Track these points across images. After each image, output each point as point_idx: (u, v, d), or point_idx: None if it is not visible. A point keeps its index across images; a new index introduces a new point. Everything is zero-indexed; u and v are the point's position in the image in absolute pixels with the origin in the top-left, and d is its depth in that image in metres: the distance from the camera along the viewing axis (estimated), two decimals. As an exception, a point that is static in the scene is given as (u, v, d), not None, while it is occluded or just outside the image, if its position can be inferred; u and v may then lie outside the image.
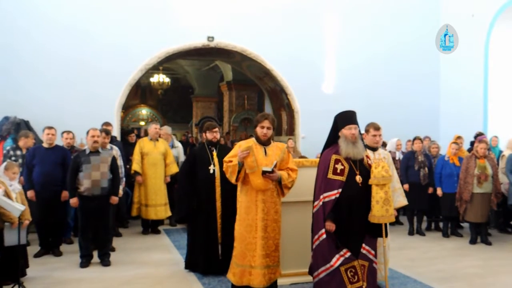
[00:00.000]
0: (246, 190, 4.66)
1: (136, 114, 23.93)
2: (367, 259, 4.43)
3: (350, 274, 4.33)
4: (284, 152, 4.78)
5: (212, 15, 10.21)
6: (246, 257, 4.59)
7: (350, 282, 4.32)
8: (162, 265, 6.14)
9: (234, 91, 18.49)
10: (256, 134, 4.73)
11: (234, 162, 4.56)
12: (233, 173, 4.58)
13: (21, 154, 6.99)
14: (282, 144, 4.88)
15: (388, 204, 4.36)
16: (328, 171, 4.42)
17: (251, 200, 4.61)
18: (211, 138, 5.85)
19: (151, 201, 7.92)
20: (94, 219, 6.07)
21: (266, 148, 4.71)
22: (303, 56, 10.83)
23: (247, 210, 4.62)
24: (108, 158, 6.16)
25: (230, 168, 4.60)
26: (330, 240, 4.34)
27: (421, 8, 11.68)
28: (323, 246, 4.37)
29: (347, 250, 4.35)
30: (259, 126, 4.68)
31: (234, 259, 4.70)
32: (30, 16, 9.10)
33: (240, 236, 4.66)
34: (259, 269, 4.53)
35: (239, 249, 4.65)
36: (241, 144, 4.71)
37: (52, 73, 9.17)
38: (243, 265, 4.60)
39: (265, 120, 4.67)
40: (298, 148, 10.61)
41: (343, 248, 4.35)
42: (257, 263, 4.54)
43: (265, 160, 4.61)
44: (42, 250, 6.56)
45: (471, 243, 7.50)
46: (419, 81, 11.62)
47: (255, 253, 4.56)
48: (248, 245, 4.59)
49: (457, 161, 7.91)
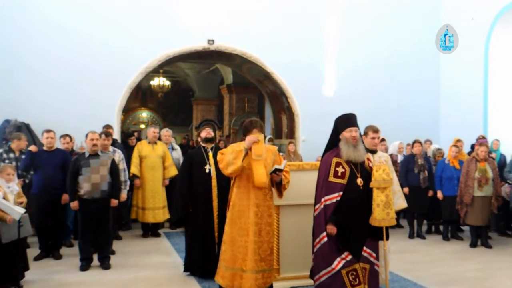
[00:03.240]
0: (239, 193, 4.61)
1: (137, 117, 23.94)
2: (368, 262, 4.43)
3: (351, 277, 4.33)
4: (276, 155, 4.78)
5: (213, 18, 10.22)
6: (237, 260, 4.55)
7: (351, 285, 4.32)
8: (162, 268, 6.13)
9: (234, 94, 18.51)
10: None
11: (241, 148, 4.50)
12: (238, 158, 4.46)
13: (14, 156, 6.97)
14: (273, 146, 4.88)
15: (389, 207, 4.36)
16: (329, 174, 4.42)
17: (244, 204, 4.57)
18: (205, 135, 5.91)
19: (148, 204, 7.91)
20: (94, 222, 6.06)
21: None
22: (303, 59, 10.83)
23: (240, 213, 4.58)
24: (108, 161, 6.16)
25: (234, 154, 4.49)
26: (332, 243, 4.34)
27: (421, 12, 11.69)
28: (325, 249, 4.36)
29: (348, 253, 4.35)
30: (249, 135, 4.63)
31: (223, 262, 4.64)
32: (30, 19, 9.11)
33: (230, 239, 4.60)
34: (250, 273, 4.49)
35: (229, 253, 4.59)
36: (233, 146, 4.70)
37: (52, 76, 9.17)
38: (234, 269, 4.56)
39: (254, 128, 4.63)
40: (299, 151, 10.61)
41: (344, 251, 4.35)
42: (249, 267, 4.49)
43: None
44: (42, 253, 6.55)
45: (471, 247, 7.49)
46: (419, 85, 11.63)
47: (247, 257, 4.51)
48: (239, 248, 4.55)
49: (457, 164, 7.91)
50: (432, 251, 7.29)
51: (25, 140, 7.13)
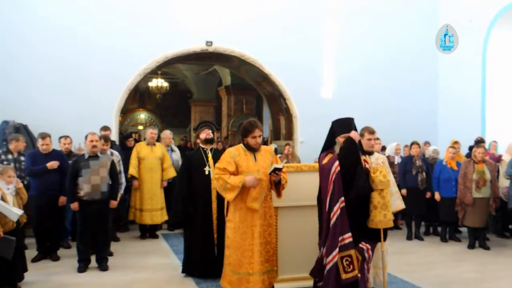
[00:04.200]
0: (240, 198, 4.60)
1: (135, 118, 23.92)
2: (362, 254, 4.41)
3: (345, 263, 4.31)
4: (273, 155, 4.80)
5: (211, 20, 10.22)
6: (243, 264, 4.55)
7: (344, 271, 4.30)
8: (160, 270, 6.12)
9: (232, 95, 18.51)
10: (248, 143, 4.67)
11: (237, 184, 4.48)
12: (232, 192, 4.50)
13: (12, 158, 6.96)
14: (270, 147, 4.89)
15: (386, 209, 4.38)
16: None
17: (245, 207, 4.57)
18: (205, 136, 5.92)
19: (146, 206, 7.90)
20: (94, 223, 6.06)
21: (255, 154, 4.71)
22: (301, 61, 10.84)
23: (242, 217, 4.58)
24: (107, 163, 6.16)
25: (228, 185, 4.50)
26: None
27: (420, 14, 11.71)
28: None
29: (349, 235, 4.30)
30: (250, 137, 4.63)
31: (229, 266, 4.64)
32: (28, 20, 9.09)
33: (235, 244, 4.60)
34: (258, 276, 4.50)
35: (234, 257, 4.59)
36: (231, 150, 4.70)
37: (50, 77, 9.16)
38: (240, 273, 4.56)
39: (256, 129, 4.62)
40: (297, 152, 10.61)
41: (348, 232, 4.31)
42: (256, 270, 4.51)
43: (256, 166, 4.62)
44: (40, 254, 6.53)
45: (469, 248, 7.50)
46: (418, 86, 11.64)
47: (253, 260, 4.52)
48: (244, 252, 4.56)
49: (454, 166, 7.92)
50: (430, 252, 7.30)
51: (23, 141, 7.11)
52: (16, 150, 7.00)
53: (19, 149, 7.02)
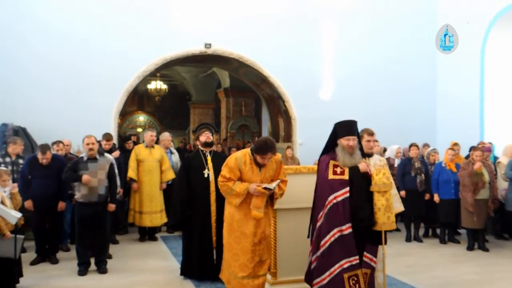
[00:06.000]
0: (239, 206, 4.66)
1: (134, 120, 23.94)
2: (369, 267, 4.41)
3: (352, 282, 4.29)
4: (278, 164, 4.80)
5: (210, 22, 10.23)
6: (245, 268, 4.61)
7: None
8: (159, 272, 6.12)
9: (231, 97, 18.54)
10: (255, 158, 4.65)
11: (242, 191, 4.56)
12: (237, 198, 4.59)
13: (10, 160, 6.94)
14: (278, 155, 4.86)
15: (389, 211, 4.33)
16: (328, 173, 4.37)
17: (244, 213, 4.64)
18: (205, 139, 5.90)
19: (145, 208, 7.90)
20: (91, 226, 6.05)
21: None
22: (300, 62, 10.85)
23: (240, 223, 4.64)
24: (106, 165, 6.15)
25: (234, 192, 4.59)
26: (347, 241, 4.26)
27: (418, 16, 11.73)
28: (334, 248, 4.27)
29: (356, 258, 4.28)
30: (260, 156, 4.59)
31: (233, 269, 4.66)
32: (28, 23, 9.10)
33: (228, 246, 4.71)
34: (262, 277, 4.69)
35: (236, 261, 4.64)
36: (238, 157, 4.70)
37: (49, 79, 9.16)
38: (243, 277, 4.61)
39: (269, 153, 4.58)
40: (296, 154, 10.61)
41: (354, 254, 4.27)
42: (261, 272, 4.67)
43: (259, 176, 4.65)
44: (39, 257, 6.52)
45: (468, 250, 7.50)
46: (416, 88, 11.66)
47: (254, 262, 4.62)
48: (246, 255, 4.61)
49: (454, 168, 7.92)
50: (429, 254, 7.30)
51: (20, 144, 7.09)
52: (14, 153, 6.98)
53: (17, 152, 7.00)
